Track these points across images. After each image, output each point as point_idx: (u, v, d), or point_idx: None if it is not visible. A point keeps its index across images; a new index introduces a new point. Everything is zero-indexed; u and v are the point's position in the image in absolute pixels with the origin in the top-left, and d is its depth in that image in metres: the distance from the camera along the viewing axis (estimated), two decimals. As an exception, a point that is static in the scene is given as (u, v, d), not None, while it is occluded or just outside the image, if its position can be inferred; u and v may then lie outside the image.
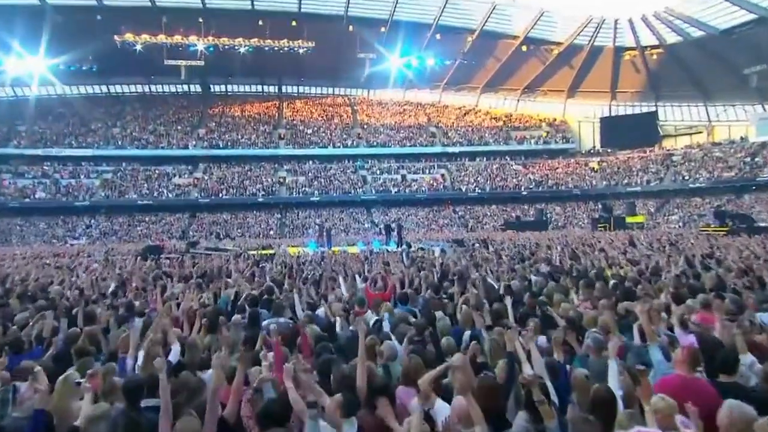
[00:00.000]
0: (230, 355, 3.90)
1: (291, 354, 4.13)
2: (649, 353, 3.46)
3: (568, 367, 3.65)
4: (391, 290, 7.01)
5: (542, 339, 4.60)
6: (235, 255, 14.17)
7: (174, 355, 4.25)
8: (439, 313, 5.49)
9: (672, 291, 5.63)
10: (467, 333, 4.91)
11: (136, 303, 6.50)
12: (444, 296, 6.71)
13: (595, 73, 46.53)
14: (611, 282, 6.95)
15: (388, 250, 16.23)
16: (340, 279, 8.11)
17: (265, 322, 5.42)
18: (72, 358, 4.22)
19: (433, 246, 18.91)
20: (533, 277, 8.31)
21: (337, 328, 5.31)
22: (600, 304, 5.29)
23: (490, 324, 4.86)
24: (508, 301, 5.36)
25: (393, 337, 4.52)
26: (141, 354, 3.99)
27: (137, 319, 5.57)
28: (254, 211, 41.25)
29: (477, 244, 20.46)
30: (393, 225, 24.71)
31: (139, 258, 14.44)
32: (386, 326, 4.95)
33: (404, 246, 18.59)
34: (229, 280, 8.61)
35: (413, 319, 5.23)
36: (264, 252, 16.46)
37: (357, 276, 8.59)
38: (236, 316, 5.39)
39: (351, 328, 5.10)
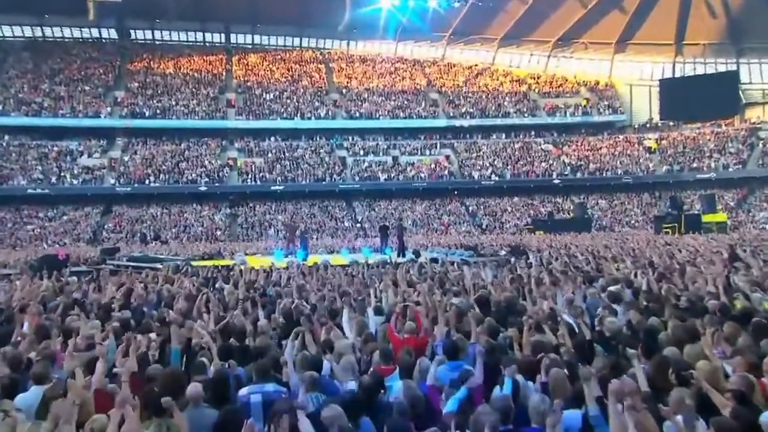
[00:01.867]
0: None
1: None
2: None
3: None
4: (426, 333, 6.23)
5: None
6: (175, 269, 13.23)
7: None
8: (520, 379, 4.70)
9: None
10: (573, 414, 4.14)
11: (32, 358, 5.52)
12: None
13: (655, 20, 46.40)
14: (754, 321, 6.19)
15: (389, 262, 15.43)
16: (345, 313, 7.28)
17: (242, 392, 4.72)
18: None
19: (449, 255, 18.31)
20: (619, 309, 7.60)
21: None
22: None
23: (599, 395, 4.16)
24: (635, 360, 4.59)
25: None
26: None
27: (35, 389, 4.66)
28: (194, 205, 40.88)
29: (503, 252, 20.05)
30: (391, 225, 24.04)
31: (31, 275, 13.35)
32: (452, 404, 4.17)
33: (410, 255, 17.99)
34: (171, 311, 7.74)
35: (494, 394, 4.48)
36: (215, 263, 15.60)
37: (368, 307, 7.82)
38: (194, 386, 4.48)
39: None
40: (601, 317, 6.98)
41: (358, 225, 40.23)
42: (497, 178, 43.66)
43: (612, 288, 9.23)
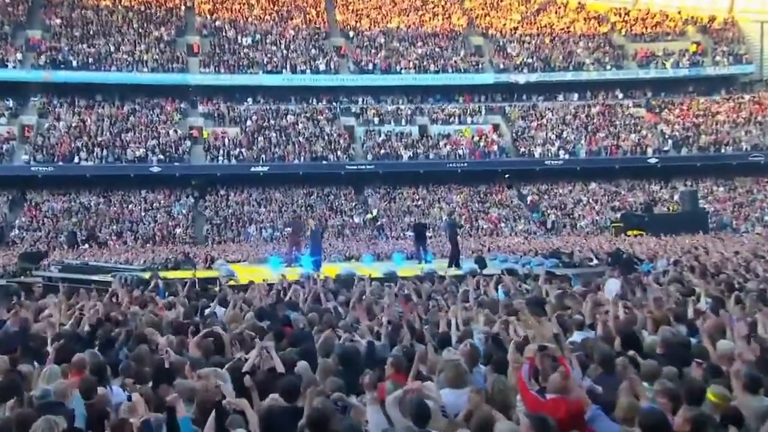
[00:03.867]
0: None
1: None
2: None
3: None
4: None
5: None
6: (140, 284, 12.86)
7: None
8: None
9: None
10: None
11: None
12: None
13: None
14: None
15: (439, 274, 15.38)
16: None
17: None
18: None
19: (523, 265, 18.03)
20: None
21: None
22: None
23: None
24: None
25: None
26: None
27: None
28: (143, 192, 41.28)
29: (594, 262, 20.21)
30: (444, 223, 23.92)
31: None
32: None
33: (470, 265, 17.79)
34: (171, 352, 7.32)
35: None
36: (194, 275, 15.12)
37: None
38: None
39: None
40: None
41: (372, 222, 40.25)
42: (567, 157, 43.79)
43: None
